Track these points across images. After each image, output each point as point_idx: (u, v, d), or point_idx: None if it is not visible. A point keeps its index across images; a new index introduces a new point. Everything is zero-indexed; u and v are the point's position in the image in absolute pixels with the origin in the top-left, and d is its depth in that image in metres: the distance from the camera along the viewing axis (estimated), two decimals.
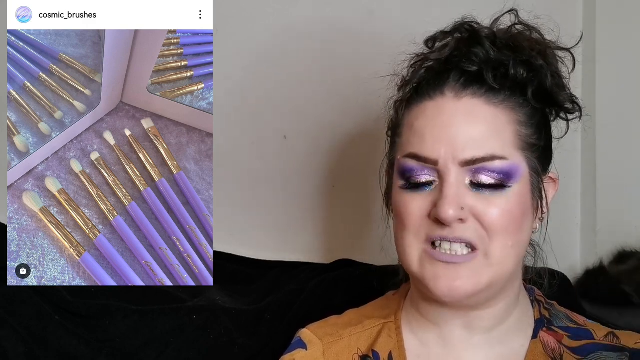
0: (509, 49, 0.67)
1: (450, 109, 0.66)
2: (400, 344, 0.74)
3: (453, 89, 0.67)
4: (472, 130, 0.65)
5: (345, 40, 1.11)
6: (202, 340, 0.93)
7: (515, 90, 0.67)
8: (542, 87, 0.67)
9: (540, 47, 0.68)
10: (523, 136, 0.67)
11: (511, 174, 0.65)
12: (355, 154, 1.12)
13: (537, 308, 0.74)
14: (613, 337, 0.71)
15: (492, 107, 0.66)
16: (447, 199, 0.64)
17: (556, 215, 0.74)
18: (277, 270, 1.09)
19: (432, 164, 0.65)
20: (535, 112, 0.68)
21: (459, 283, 0.65)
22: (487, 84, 0.66)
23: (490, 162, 0.64)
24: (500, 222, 0.65)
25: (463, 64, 0.67)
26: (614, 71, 1.08)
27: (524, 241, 0.68)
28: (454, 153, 0.64)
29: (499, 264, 0.65)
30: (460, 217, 0.64)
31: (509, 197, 0.65)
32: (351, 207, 1.13)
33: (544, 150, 0.69)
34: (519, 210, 0.66)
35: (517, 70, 0.66)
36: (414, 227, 0.67)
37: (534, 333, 0.72)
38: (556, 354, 0.70)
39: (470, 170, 0.65)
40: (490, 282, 0.66)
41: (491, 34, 0.68)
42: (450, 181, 0.64)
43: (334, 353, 0.75)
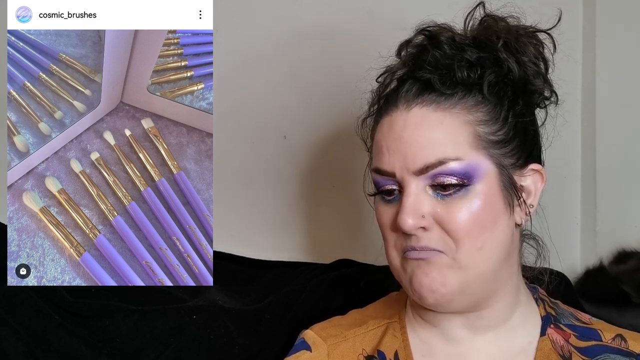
0: (472, 46, 0.67)
1: (401, 122, 0.66)
2: (406, 343, 0.73)
3: (405, 100, 0.67)
4: (422, 139, 0.65)
5: (345, 40, 1.11)
6: (202, 340, 0.93)
7: (470, 90, 0.66)
8: (503, 81, 0.67)
9: (506, 36, 0.67)
10: (483, 135, 0.66)
11: (469, 174, 0.64)
12: (355, 154, 1.12)
13: (541, 306, 0.73)
14: (621, 340, 0.70)
15: (443, 112, 0.66)
16: (405, 208, 0.64)
17: (556, 215, 0.74)
18: (277, 270, 1.09)
19: (391, 176, 0.67)
20: (499, 107, 0.67)
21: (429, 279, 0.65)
22: (438, 90, 0.66)
23: (444, 165, 0.64)
24: (464, 226, 0.64)
25: (416, 73, 0.67)
26: (614, 71, 1.08)
27: (498, 241, 0.66)
28: (406, 164, 0.65)
29: (470, 267, 0.65)
30: (421, 226, 0.64)
31: (471, 199, 0.64)
32: (351, 207, 1.13)
33: (519, 143, 0.68)
34: (486, 212, 0.65)
35: (462, 73, 0.66)
36: (390, 238, 0.68)
37: (542, 330, 0.72)
38: (565, 351, 0.70)
39: (427, 177, 0.65)
40: (463, 285, 0.65)
41: (450, 36, 0.68)
42: (408, 191, 0.65)
43: (338, 354, 0.74)
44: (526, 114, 0.69)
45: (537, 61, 0.68)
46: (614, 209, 1.09)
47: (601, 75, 1.08)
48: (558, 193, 1.10)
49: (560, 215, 1.10)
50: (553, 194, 0.96)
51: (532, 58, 0.68)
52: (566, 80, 0.72)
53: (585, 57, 1.08)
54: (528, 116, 0.69)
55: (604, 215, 1.09)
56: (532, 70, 0.68)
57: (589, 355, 0.70)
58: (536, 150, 0.71)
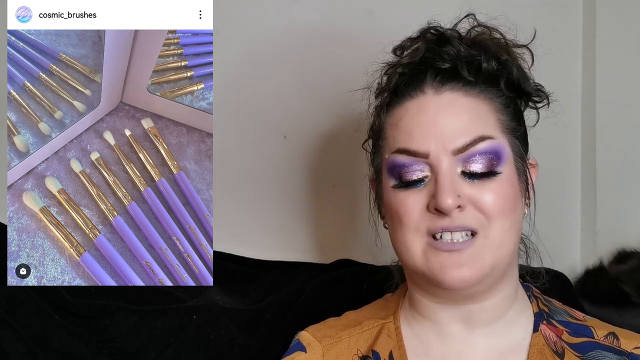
0: (475, 47, 0.70)
1: (433, 105, 0.69)
2: (400, 343, 0.74)
3: (432, 86, 0.70)
4: (458, 120, 0.68)
5: (345, 40, 1.11)
6: (202, 340, 0.93)
7: (489, 82, 0.70)
8: (510, 79, 0.71)
9: (502, 44, 0.72)
10: (504, 122, 0.70)
11: (499, 153, 0.68)
12: (355, 154, 1.11)
13: (535, 303, 0.75)
14: (613, 338, 0.71)
15: (472, 98, 0.69)
16: (443, 188, 0.66)
17: (556, 215, 0.75)
18: (277, 270, 1.08)
19: (422, 157, 0.68)
20: (509, 101, 0.71)
21: (464, 270, 0.66)
22: (463, 78, 0.69)
23: (479, 144, 0.67)
24: (497, 205, 0.67)
25: (437, 62, 0.69)
26: (614, 71, 1.08)
27: (519, 223, 0.70)
28: (444, 144, 0.67)
29: (499, 246, 0.67)
30: (458, 204, 0.66)
31: (500, 181, 0.67)
32: (351, 207, 1.13)
33: (523, 137, 0.73)
34: (512, 194, 0.68)
35: (489, 63, 0.69)
36: (413, 223, 0.68)
37: (535, 326, 0.72)
38: (558, 347, 0.71)
39: (461, 160, 0.67)
40: (493, 264, 0.67)
41: (457, 35, 0.71)
42: (443, 172, 0.67)
43: (333, 355, 0.75)
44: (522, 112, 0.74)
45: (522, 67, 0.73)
46: (614, 209, 1.09)
47: (601, 75, 1.08)
48: (558, 193, 1.10)
49: (560, 215, 1.10)
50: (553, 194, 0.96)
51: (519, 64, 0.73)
52: (566, 81, 0.72)
53: (585, 57, 1.08)
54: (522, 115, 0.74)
55: (604, 215, 1.09)
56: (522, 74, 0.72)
57: (581, 351, 0.70)
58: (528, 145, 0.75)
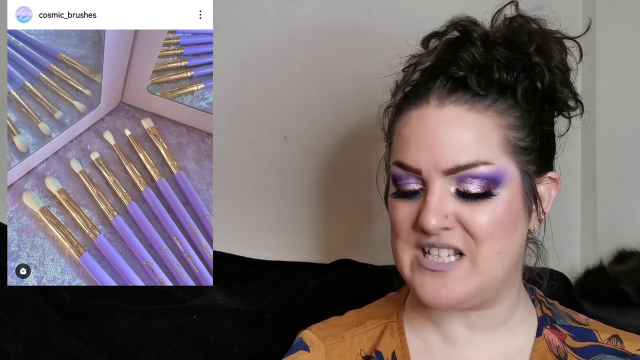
0: (504, 46, 0.65)
1: (433, 118, 0.65)
2: (404, 343, 0.74)
3: (438, 96, 0.65)
4: (455, 139, 0.64)
5: (345, 40, 1.11)
6: (202, 340, 0.92)
7: (504, 93, 0.65)
8: (534, 87, 0.66)
9: (540, 40, 0.65)
10: (513, 140, 0.65)
11: (498, 179, 0.64)
12: (355, 154, 1.12)
13: (538, 307, 0.74)
14: (617, 340, 0.70)
15: (476, 114, 0.64)
16: (429, 208, 0.63)
17: (556, 215, 0.74)
18: (277, 270, 1.08)
19: (416, 173, 0.65)
20: (528, 114, 0.66)
21: (445, 292, 0.65)
22: (472, 90, 0.64)
23: (474, 168, 0.63)
24: (486, 229, 0.64)
25: (450, 69, 0.65)
26: (614, 69, 1.08)
27: (515, 246, 0.66)
28: (436, 162, 0.63)
29: (487, 270, 0.65)
30: (444, 226, 0.64)
31: (495, 204, 0.64)
32: (351, 207, 1.13)
33: (540, 151, 0.67)
34: (508, 217, 0.65)
35: (501, 74, 0.64)
36: (404, 234, 0.67)
37: (538, 331, 0.72)
38: (561, 351, 0.70)
39: (455, 179, 0.64)
40: (478, 288, 0.65)
41: (483, 33, 0.66)
42: (433, 191, 0.64)
43: (336, 354, 0.74)
44: (550, 122, 0.69)
45: (563, 68, 0.67)
46: (614, 209, 1.09)
47: (601, 76, 1.08)
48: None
49: (560, 215, 1.10)
50: None
51: (560, 65, 0.67)
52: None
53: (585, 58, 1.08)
54: (551, 125, 0.69)
55: (604, 215, 1.09)
56: (559, 78, 0.67)
57: (585, 355, 0.70)
58: (554, 159, 0.71)
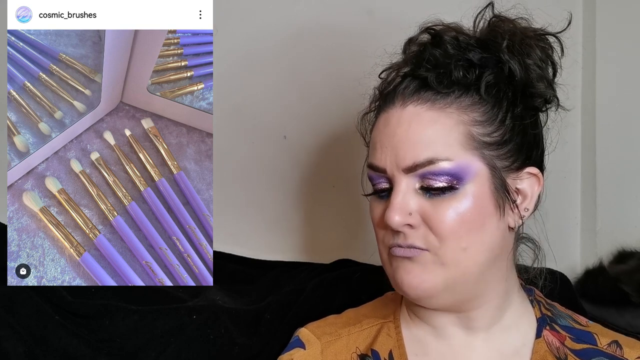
0: (477, 47, 0.67)
1: (395, 119, 0.67)
2: (400, 342, 0.74)
3: (401, 97, 0.68)
4: (413, 137, 0.65)
5: (345, 40, 1.11)
6: (202, 340, 0.93)
7: (468, 90, 0.66)
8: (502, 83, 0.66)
9: (512, 38, 0.66)
10: (478, 135, 0.65)
11: (459, 174, 0.64)
12: (355, 154, 1.12)
13: (537, 307, 0.74)
14: (616, 346, 0.70)
15: (437, 111, 0.66)
16: (392, 205, 0.65)
17: (556, 215, 0.74)
18: (277, 270, 1.09)
19: (382, 173, 0.67)
20: (497, 109, 0.66)
21: (416, 280, 0.66)
22: (434, 89, 0.66)
23: (433, 165, 0.64)
24: (449, 226, 0.64)
25: (416, 71, 0.68)
26: (614, 71, 1.08)
27: (485, 242, 0.66)
28: (397, 161, 0.66)
29: (453, 264, 0.65)
30: (407, 223, 0.65)
31: (459, 199, 0.65)
32: (351, 207, 1.13)
33: (516, 146, 0.67)
34: (474, 212, 0.65)
35: (459, 72, 0.66)
36: (380, 233, 0.69)
37: (538, 332, 0.72)
38: (561, 353, 0.70)
39: (417, 176, 0.65)
40: (446, 282, 0.66)
41: (453, 35, 0.67)
42: (397, 189, 0.66)
43: (332, 352, 0.75)
44: (526, 117, 0.68)
45: (542, 64, 0.68)
46: (614, 209, 1.09)
47: (601, 76, 1.08)
48: (558, 193, 1.10)
49: (560, 215, 1.10)
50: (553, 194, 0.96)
51: (538, 61, 0.67)
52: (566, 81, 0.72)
53: (585, 58, 1.08)
54: (528, 119, 0.69)
55: (604, 215, 1.09)
56: (535, 74, 0.67)
57: (583, 358, 0.70)
58: (537, 154, 0.70)
